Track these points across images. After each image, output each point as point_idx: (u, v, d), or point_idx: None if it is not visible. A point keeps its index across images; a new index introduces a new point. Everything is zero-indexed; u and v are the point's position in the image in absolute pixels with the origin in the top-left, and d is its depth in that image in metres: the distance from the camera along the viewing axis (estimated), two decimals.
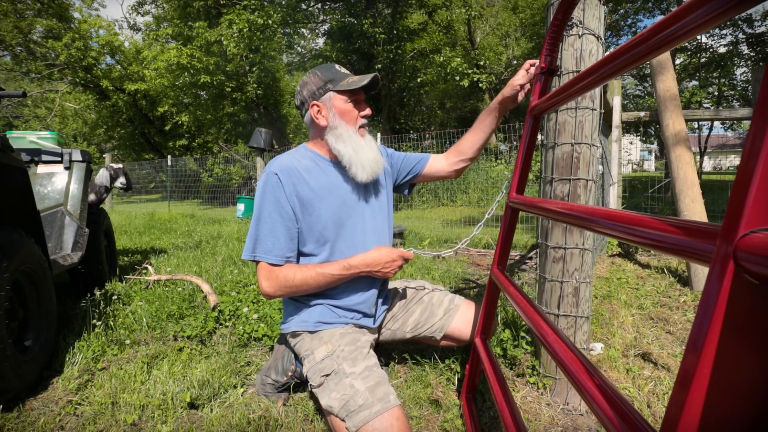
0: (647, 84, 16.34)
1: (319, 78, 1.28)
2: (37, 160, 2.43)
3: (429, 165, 1.53)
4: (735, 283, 0.32)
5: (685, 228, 0.41)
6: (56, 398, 1.47)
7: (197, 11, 12.32)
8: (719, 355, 0.33)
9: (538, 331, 0.78)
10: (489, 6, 14.84)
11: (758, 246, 0.30)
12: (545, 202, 0.88)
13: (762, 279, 0.30)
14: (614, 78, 0.64)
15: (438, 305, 1.51)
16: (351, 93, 1.28)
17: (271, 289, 1.24)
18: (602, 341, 1.88)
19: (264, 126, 12.96)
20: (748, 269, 0.30)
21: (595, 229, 0.60)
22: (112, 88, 16.06)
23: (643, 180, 10.15)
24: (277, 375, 1.45)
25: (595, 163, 1.39)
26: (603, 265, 3.32)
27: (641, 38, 0.54)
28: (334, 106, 1.27)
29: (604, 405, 0.50)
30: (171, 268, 3.21)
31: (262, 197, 1.26)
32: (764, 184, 0.31)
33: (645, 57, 0.55)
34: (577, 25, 1.33)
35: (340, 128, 1.27)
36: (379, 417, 1.02)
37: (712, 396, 0.33)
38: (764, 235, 0.30)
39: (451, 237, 4.74)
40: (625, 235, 0.52)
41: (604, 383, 0.53)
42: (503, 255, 1.20)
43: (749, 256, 0.30)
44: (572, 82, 0.80)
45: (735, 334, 0.32)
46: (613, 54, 0.62)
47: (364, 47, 11.15)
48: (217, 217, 7.90)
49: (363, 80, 1.26)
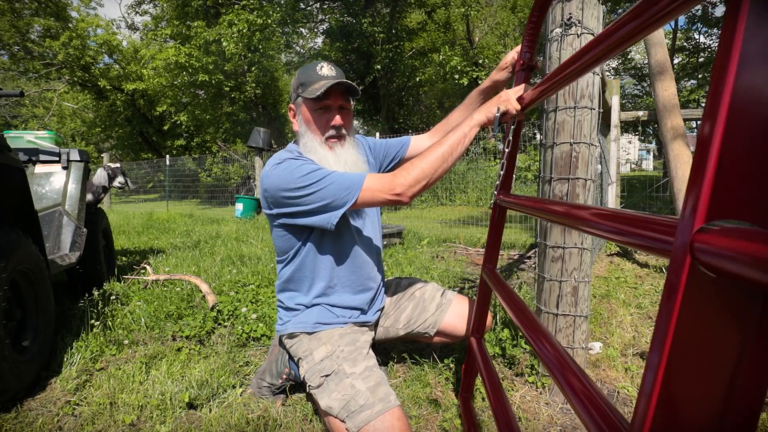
0: (646, 84, 16.37)
1: (296, 79, 1.23)
2: (35, 159, 2.42)
3: (412, 147, 1.49)
4: (693, 276, 0.33)
5: (648, 222, 0.42)
6: (54, 399, 1.46)
7: (195, 11, 12.30)
8: (681, 347, 0.33)
9: (524, 328, 0.78)
10: (488, 5, 14.84)
11: (713, 239, 0.30)
12: (529, 200, 0.89)
13: (718, 272, 0.30)
14: (595, 66, 0.64)
15: (430, 301, 1.49)
16: (314, 101, 1.19)
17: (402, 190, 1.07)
18: (601, 340, 1.89)
19: (262, 125, 12.94)
20: (704, 262, 0.31)
21: (562, 222, 0.61)
22: (110, 87, 16.03)
23: (641, 179, 10.18)
24: (272, 378, 1.45)
25: (593, 162, 1.39)
26: (601, 264, 3.33)
27: (619, 24, 0.53)
28: (302, 112, 1.23)
29: (584, 400, 0.51)
30: (169, 268, 3.21)
31: (304, 165, 1.13)
32: (718, 179, 0.32)
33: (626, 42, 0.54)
34: (575, 25, 1.33)
35: (306, 137, 1.23)
36: (380, 417, 1.02)
37: (677, 389, 0.34)
38: (719, 228, 0.31)
39: (450, 236, 4.74)
40: (590, 229, 0.53)
41: (585, 380, 0.54)
42: (493, 253, 1.20)
43: (705, 249, 0.31)
44: (552, 74, 0.80)
45: (694, 326, 0.33)
46: (594, 41, 0.61)
47: (363, 46, 11.15)
48: (215, 216, 7.89)
49: (322, 88, 1.15)
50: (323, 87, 1.15)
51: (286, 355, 1.43)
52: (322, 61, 1.25)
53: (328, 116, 1.22)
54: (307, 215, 1.16)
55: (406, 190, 1.09)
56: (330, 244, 1.28)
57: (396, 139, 1.53)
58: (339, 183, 1.11)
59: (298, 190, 1.13)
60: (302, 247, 1.28)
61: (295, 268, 1.30)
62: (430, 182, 1.11)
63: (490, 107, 1.13)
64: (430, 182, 1.11)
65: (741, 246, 0.28)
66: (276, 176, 1.16)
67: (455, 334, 1.46)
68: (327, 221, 1.14)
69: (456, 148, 1.12)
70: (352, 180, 1.12)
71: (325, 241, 1.28)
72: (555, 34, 1.36)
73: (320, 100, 1.20)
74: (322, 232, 1.24)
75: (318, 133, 1.22)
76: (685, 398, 0.34)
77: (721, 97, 0.32)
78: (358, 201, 1.11)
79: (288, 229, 1.27)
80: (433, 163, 1.10)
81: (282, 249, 1.31)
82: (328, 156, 1.21)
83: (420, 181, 1.09)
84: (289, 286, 1.33)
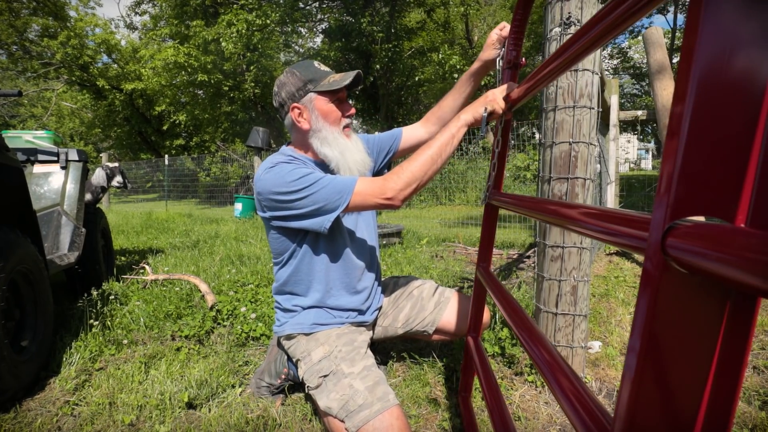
0: (644, 83, 16.38)
1: (297, 78, 1.22)
2: (34, 159, 2.42)
3: (405, 138, 1.49)
4: (666, 272, 0.33)
5: (624, 219, 0.43)
6: (53, 399, 1.46)
7: (194, 10, 12.29)
8: (656, 341, 0.34)
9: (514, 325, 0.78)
10: (487, 5, 14.84)
11: (684, 236, 0.31)
12: (519, 199, 0.89)
13: (689, 268, 0.31)
14: (583, 58, 0.64)
15: (428, 299, 1.49)
16: (332, 93, 1.21)
17: (394, 190, 1.08)
18: (600, 339, 1.89)
19: (261, 125, 12.93)
20: (675, 257, 0.32)
21: (551, 221, 0.62)
22: (109, 87, 16.00)
23: (640, 178, 10.19)
24: (271, 378, 1.45)
25: (592, 161, 1.39)
26: (601, 263, 3.33)
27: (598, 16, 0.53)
28: (316, 107, 1.22)
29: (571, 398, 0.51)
30: (168, 268, 3.21)
31: (296, 170, 1.13)
32: (688, 175, 0.32)
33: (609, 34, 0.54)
34: (575, 24, 1.33)
35: (324, 131, 1.22)
36: (379, 416, 1.01)
37: (655, 386, 0.34)
38: (689, 224, 0.31)
39: (449, 236, 4.74)
40: (576, 227, 0.54)
41: (573, 378, 0.55)
42: (486, 252, 1.20)
43: (676, 245, 0.31)
44: (537, 71, 0.80)
45: (669, 321, 0.34)
46: (577, 34, 0.61)
47: (362, 46, 11.14)
48: (214, 216, 7.88)
49: (345, 78, 1.19)
50: (345, 78, 1.18)
51: (285, 355, 1.43)
52: (312, 60, 1.27)
53: (342, 106, 1.25)
54: (299, 219, 1.17)
55: (397, 194, 1.10)
56: (325, 246, 1.28)
57: (386, 133, 1.52)
58: (331, 187, 1.12)
59: (290, 194, 1.13)
60: (297, 249, 1.28)
61: (292, 271, 1.30)
62: (420, 185, 1.12)
63: (477, 107, 1.14)
64: (420, 185, 1.12)
65: (711, 242, 0.28)
66: (268, 180, 1.16)
67: (454, 332, 1.46)
68: (320, 225, 1.15)
69: (444, 149, 1.13)
70: (344, 184, 1.12)
71: (320, 244, 1.27)
72: (554, 33, 1.36)
73: (338, 92, 1.22)
74: (317, 234, 1.24)
75: (337, 125, 1.24)
76: (661, 393, 0.35)
77: (687, 89, 0.32)
78: (350, 205, 1.12)
79: (282, 232, 1.26)
80: (422, 165, 1.11)
81: (277, 251, 1.31)
82: (348, 145, 1.23)
83: (411, 184, 1.10)
84: (286, 288, 1.33)
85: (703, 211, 0.32)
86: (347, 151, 1.22)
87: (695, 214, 0.32)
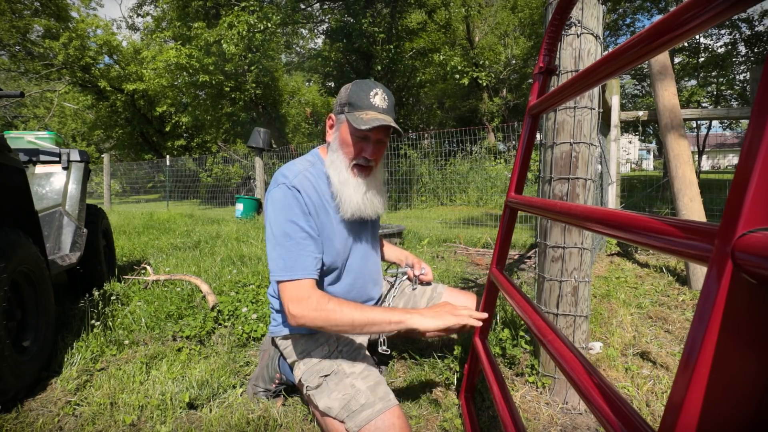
0: (646, 83, 16.36)
1: (344, 95, 1.19)
2: (35, 160, 2.43)
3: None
4: (733, 282, 0.32)
5: (683, 228, 0.41)
6: (55, 399, 1.46)
7: (196, 11, 12.31)
8: (717, 354, 0.33)
9: (537, 330, 0.78)
10: (488, 6, 14.84)
11: (756, 246, 0.30)
12: (544, 202, 0.88)
13: (760, 279, 0.30)
14: (613, 77, 0.64)
15: (420, 295, 1.49)
16: (357, 129, 1.15)
17: (302, 313, 1.06)
18: (601, 340, 1.89)
19: (263, 126, 12.94)
20: (746, 269, 0.30)
21: (593, 228, 0.60)
22: (110, 88, 16.04)
23: (642, 179, 10.17)
24: (266, 383, 1.44)
25: (593, 162, 1.39)
26: (602, 264, 3.33)
27: (640, 37, 0.54)
28: (340, 131, 1.20)
29: (603, 404, 0.50)
30: (170, 268, 3.21)
31: (283, 210, 1.14)
32: (762, 184, 0.31)
33: (644, 56, 0.55)
34: (575, 25, 1.33)
35: (336, 154, 1.21)
36: (381, 416, 1.02)
37: (711, 395, 0.33)
38: (762, 234, 0.30)
39: (450, 237, 4.74)
40: (623, 234, 0.51)
41: (603, 382, 0.53)
42: (502, 255, 1.20)
43: (747, 256, 0.30)
44: (571, 81, 0.80)
45: (733, 333, 0.32)
46: (612, 53, 0.62)
47: (363, 47, 11.13)
48: (216, 217, 7.89)
49: (372, 122, 1.11)
50: (371, 123, 1.11)
51: (276, 358, 1.42)
52: (375, 85, 1.19)
53: (363, 145, 1.19)
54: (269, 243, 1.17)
55: (300, 319, 1.07)
56: (324, 263, 1.23)
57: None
58: (288, 257, 1.11)
59: (268, 227, 1.15)
60: None
61: None
62: (325, 329, 1.09)
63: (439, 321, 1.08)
64: (325, 329, 1.09)
65: None
66: (269, 199, 1.18)
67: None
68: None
69: (371, 328, 1.08)
70: (295, 265, 1.10)
71: (336, 270, 1.27)
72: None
73: (361, 131, 1.16)
74: (335, 260, 1.24)
75: (348, 158, 1.20)
76: (718, 407, 0.33)
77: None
78: (283, 282, 1.11)
79: None
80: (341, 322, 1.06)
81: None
82: (349, 180, 1.19)
83: (317, 324, 1.07)
84: None
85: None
86: (347, 187, 1.19)
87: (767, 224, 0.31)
